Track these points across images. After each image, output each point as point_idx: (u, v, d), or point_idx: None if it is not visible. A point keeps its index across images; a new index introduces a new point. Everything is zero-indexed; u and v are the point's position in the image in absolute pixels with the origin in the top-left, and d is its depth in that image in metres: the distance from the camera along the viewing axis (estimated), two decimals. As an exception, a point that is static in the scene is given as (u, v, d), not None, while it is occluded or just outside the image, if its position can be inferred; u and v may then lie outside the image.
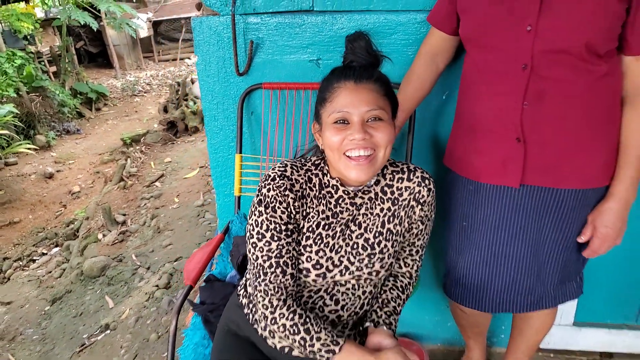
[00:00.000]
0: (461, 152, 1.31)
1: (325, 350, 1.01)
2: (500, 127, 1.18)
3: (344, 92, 1.00)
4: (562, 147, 1.16)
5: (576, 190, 1.20)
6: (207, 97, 1.66)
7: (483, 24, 1.14)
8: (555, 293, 1.36)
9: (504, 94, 1.15)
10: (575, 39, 1.05)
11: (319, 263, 1.07)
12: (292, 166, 1.08)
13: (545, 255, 1.29)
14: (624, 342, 1.83)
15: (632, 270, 1.74)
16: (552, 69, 1.10)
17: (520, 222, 1.26)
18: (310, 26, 1.53)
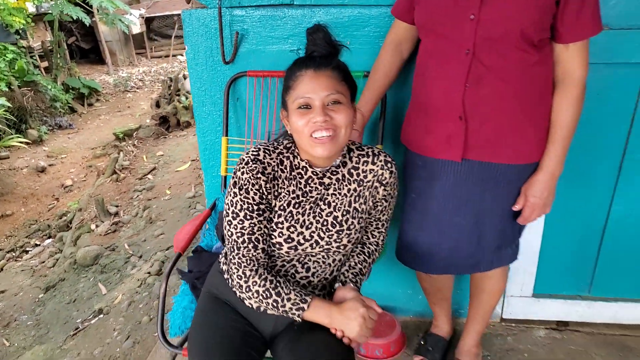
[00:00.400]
0: (413, 130, 1.44)
1: (296, 308, 1.13)
2: (446, 106, 1.31)
3: (305, 79, 1.11)
4: (498, 125, 1.29)
5: (511, 164, 1.34)
6: (196, 84, 1.79)
7: (433, 13, 1.27)
8: (492, 258, 1.50)
9: (449, 77, 1.28)
10: (511, 28, 1.18)
11: (290, 237, 1.19)
12: (265, 150, 1.19)
13: (485, 223, 1.43)
14: (578, 311, 1.97)
15: (585, 245, 1.89)
16: (491, 55, 1.22)
17: (463, 193, 1.39)
18: (290, 19, 1.66)
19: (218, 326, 1.23)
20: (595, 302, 1.96)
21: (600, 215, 1.84)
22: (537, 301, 1.98)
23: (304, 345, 1.17)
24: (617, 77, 1.61)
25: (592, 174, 1.77)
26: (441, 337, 1.87)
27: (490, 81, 1.25)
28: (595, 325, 2.01)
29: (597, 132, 1.70)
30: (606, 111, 1.66)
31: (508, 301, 2.00)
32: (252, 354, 1.20)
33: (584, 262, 1.93)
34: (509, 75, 1.24)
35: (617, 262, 1.90)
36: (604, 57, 1.57)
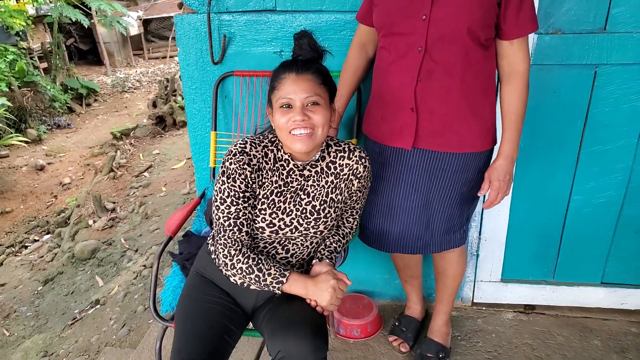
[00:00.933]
0: (372, 120, 1.59)
1: (276, 282, 1.27)
2: (400, 98, 1.45)
3: (288, 81, 1.24)
4: (445, 117, 1.43)
5: (457, 153, 1.48)
6: (187, 83, 1.93)
7: (389, 14, 1.41)
8: (441, 240, 1.63)
9: (404, 72, 1.42)
10: (458, 26, 1.33)
11: (272, 223, 1.33)
12: (251, 143, 1.32)
13: (434, 209, 1.56)
14: (543, 295, 2.11)
15: (548, 234, 2.03)
16: (441, 52, 1.37)
17: (413, 179, 1.53)
18: (273, 23, 1.81)
19: (200, 300, 1.37)
20: (559, 286, 2.11)
21: (561, 205, 1.98)
22: (506, 286, 2.12)
23: (280, 312, 1.30)
24: (571, 77, 1.75)
25: (553, 166, 1.91)
26: (414, 319, 2.01)
27: (439, 76, 1.39)
28: (559, 308, 2.15)
29: (556, 127, 1.84)
30: (562, 108, 1.81)
31: (478, 286, 2.14)
32: (229, 326, 1.33)
33: (547, 249, 2.07)
34: (456, 70, 1.38)
35: (577, 249, 2.05)
36: (558, 58, 1.72)
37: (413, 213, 1.57)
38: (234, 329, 1.34)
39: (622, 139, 1.81)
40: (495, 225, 2.02)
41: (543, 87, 1.77)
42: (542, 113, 1.81)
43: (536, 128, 1.83)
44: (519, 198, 1.97)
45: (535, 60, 1.72)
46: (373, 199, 1.63)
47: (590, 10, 1.65)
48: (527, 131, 1.83)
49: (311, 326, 1.24)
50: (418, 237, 1.61)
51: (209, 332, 1.28)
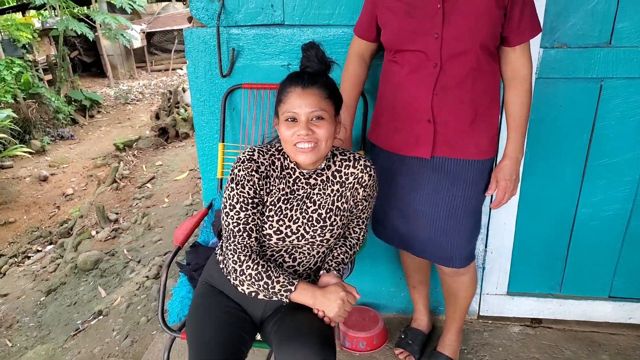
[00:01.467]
0: (383, 130, 1.61)
1: (284, 290, 1.27)
2: (415, 111, 1.48)
3: (294, 95, 1.26)
4: (459, 126, 1.47)
5: (473, 160, 1.52)
6: (196, 96, 1.95)
7: (401, 35, 1.44)
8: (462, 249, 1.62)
9: (418, 86, 1.45)
10: (472, 42, 1.37)
11: (279, 230, 1.34)
12: (259, 151, 1.34)
13: (455, 217, 1.57)
14: (550, 309, 2.10)
15: (555, 246, 2.03)
16: (454, 66, 1.40)
17: (432, 186, 1.55)
18: (281, 37, 1.84)
19: (212, 310, 1.37)
20: (566, 300, 2.10)
21: (568, 218, 1.99)
22: (512, 299, 2.12)
23: (288, 323, 1.30)
24: (577, 91, 1.77)
25: (560, 179, 1.92)
26: (420, 331, 2.01)
27: (453, 89, 1.43)
28: (567, 322, 2.14)
29: (562, 140, 1.86)
30: (568, 122, 1.82)
31: (484, 299, 2.13)
32: (242, 334, 1.33)
33: (554, 263, 2.07)
34: (468, 82, 1.42)
35: (584, 262, 2.04)
36: (564, 72, 1.74)
37: (436, 220, 1.58)
38: (247, 338, 1.34)
39: (629, 152, 1.82)
40: (502, 238, 2.02)
41: (549, 101, 1.79)
42: (548, 126, 1.83)
43: (542, 141, 1.85)
44: (526, 211, 1.98)
45: (540, 74, 1.74)
46: (393, 205, 1.66)
47: (595, 25, 1.67)
48: (533, 144, 1.85)
49: (319, 337, 1.24)
50: (441, 245, 1.61)
51: (225, 341, 1.28)
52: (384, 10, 1.46)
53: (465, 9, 1.35)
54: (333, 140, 1.32)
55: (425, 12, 1.38)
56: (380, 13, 1.47)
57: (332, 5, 1.76)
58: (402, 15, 1.41)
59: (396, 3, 1.42)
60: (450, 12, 1.36)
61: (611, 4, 1.64)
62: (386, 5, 1.45)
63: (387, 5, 1.45)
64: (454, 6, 1.36)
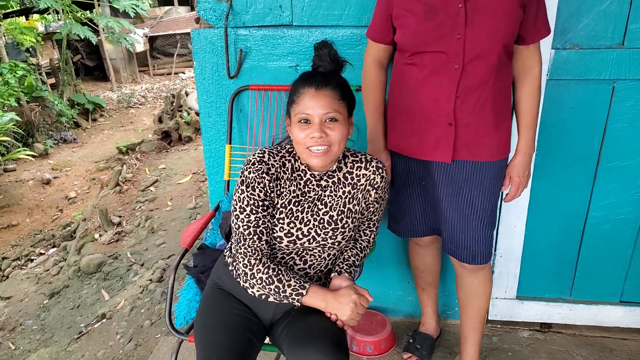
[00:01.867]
0: (399, 134, 1.58)
1: (296, 293, 1.26)
2: (436, 114, 1.45)
3: (307, 97, 1.25)
4: (479, 128, 1.46)
5: (491, 161, 1.51)
6: (203, 97, 1.94)
7: (421, 36, 1.40)
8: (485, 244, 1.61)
9: (439, 88, 1.43)
10: (494, 43, 1.36)
11: (290, 232, 1.32)
12: (270, 153, 1.32)
13: (476, 218, 1.56)
14: (560, 314, 2.08)
15: (565, 250, 2.00)
16: (476, 68, 1.38)
17: (453, 189, 1.54)
18: (289, 38, 1.82)
19: (221, 312, 1.35)
20: (577, 304, 2.07)
21: (579, 222, 1.96)
22: (521, 303, 2.09)
23: (300, 326, 1.28)
24: (589, 93, 1.75)
25: (570, 182, 1.90)
26: (429, 336, 1.98)
27: (475, 91, 1.41)
28: (577, 327, 2.11)
29: (573, 143, 1.84)
30: (580, 124, 1.80)
31: (493, 303, 2.11)
32: (251, 337, 1.31)
33: (564, 267, 2.04)
34: (490, 84, 1.41)
35: (595, 267, 2.02)
36: (576, 73, 1.72)
37: (459, 220, 1.58)
38: (255, 341, 1.32)
39: (642, 154, 1.81)
40: (511, 242, 2.00)
41: (560, 103, 1.77)
42: (559, 128, 1.81)
43: (553, 143, 1.83)
44: (536, 214, 1.96)
45: (552, 75, 1.73)
46: (413, 207, 1.66)
47: (608, 26, 1.65)
48: (544, 146, 1.83)
49: (332, 340, 1.23)
50: (464, 245, 1.61)
51: (233, 344, 1.26)
52: (402, 11, 1.42)
53: (489, 8, 1.33)
54: (346, 142, 1.30)
55: (446, 12, 1.35)
56: (397, 14, 1.44)
57: (341, 5, 1.75)
58: (421, 16, 1.38)
59: (415, 3, 1.39)
60: (473, 12, 1.34)
61: (624, 4, 1.62)
62: (404, 6, 1.41)
63: (405, 6, 1.41)
64: (477, 6, 1.34)
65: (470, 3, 1.34)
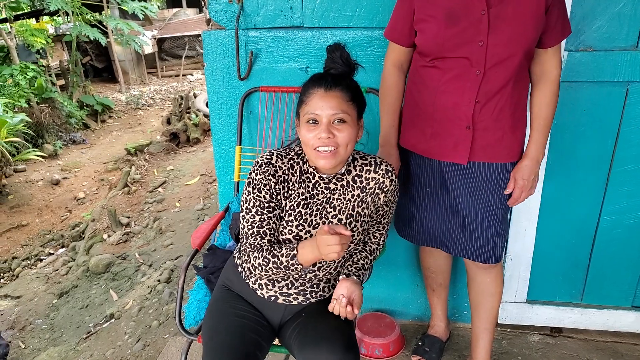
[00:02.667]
0: (416, 134, 1.57)
1: (290, 257, 1.25)
2: (455, 117, 1.46)
3: (316, 97, 1.24)
4: (498, 132, 1.46)
5: (506, 163, 1.52)
6: (214, 98, 1.94)
7: (442, 40, 1.40)
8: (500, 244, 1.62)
9: (460, 92, 1.43)
10: (516, 49, 1.35)
11: (298, 235, 1.32)
12: (278, 155, 1.32)
13: (494, 217, 1.57)
14: (571, 318, 2.05)
15: (576, 254, 1.99)
16: (497, 74, 1.38)
17: (468, 190, 1.55)
18: (300, 40, 1.82)
19: (228, 314, 1.35)
20: (588, 309, 2.05)
21: (590, 226, 1.94)
22: (531, 307, 2.07)
23: (310, 327, 1.28)
24: (602, 95, 1.74)
25: (582, 185, 1.88)
26: (438, 338, 1.97)
27: (495, 95, 1.42)
28: (588, 332, 2.09)
29: (585, 146, 1.82)
30: (593, 126, 1.79)
31: (503, 306, 2.09)
32: (258, 339, 1.31)
33: (576, 271, 2.02)
34: (509, 89, 1.41)
35: (607, 271, 2.00)
36: (589, 76, 1.71)
37: (474, 221, 1.58)
38: (263, 344, 1.32)
39: (655, 157, 1.79)
40: (522, 245, 1.99)
41: (572, 105, 1.75)
42: (572, 131, 1.80)
43: (565, 146, 1.81)
44: (546, 217, 1.94)
45: (565, 77, 1.71)
46: (426, 206, 1.65)
47: (622, 28, 1.64)
48: (556, 149, 1.82)
49: (343, 340, 1.23)
50: (479, 244, 1.61)
51: (239, 346, 1.26)
52: (423, 15, 1.41)
53: (512, 15, 1.33)
54: (354, 144, 1.29)
55: (468, 19, 1.35)
56: (418, 18, 1.43)
57: (352, 7, 1.75)
58: (443, 22, 1.37)
59: (436, 9, 1.38)
60: (497, 19, 1.34)
61: (638, 6, 1.61)
62: (425, 11, 1.41)
63: (427, 11, 1.40)
64: (500, 13, 1.33)
65: (494, 10, 1.33)
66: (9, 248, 4.89)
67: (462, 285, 2.05)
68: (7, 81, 7.03)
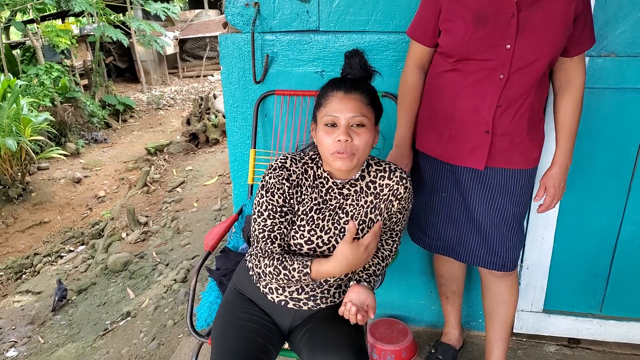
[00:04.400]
0: (434, 137, 1.56)
1: (302, 273, 1.24)
2: (474, 121, 1.44)
3: (335, 99, 1.24)
4: (517, 138, 1.45)
5: (523, 169, 1.50)
6: (229, 101, 1.95)
7: (468, 42, 1.37)
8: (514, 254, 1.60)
9: (481, 96, 1.41)
10: (543, 55, 1.33)
11: (310, 240, 1.31)
12: (292, 159, 1.32)
13: (509, 224, 1.55)
14: (589, 329, 2.00)
15: (596, 264, 1.94)
16: (521, 79, 1.37)
17: (484, 196, 1.53)
18: (316, 43, 1.82)
19: (238, 317, 1.35)
20: (607, 320, 2.00)
21: (611, 235, 1.89)
22: (548, 317, 2.03)
23: (320, 333, 1.28)
24: (625, 102, 1.69)
25: (603, 194, 1.84)
26: (451, 346, 1.94)
27: (516, 101, 1.40)
28: (607, 344, 2.04)
29: (606, 154, 1.77)
30: (614, 134, 1.74)
31: (519, 315, 2.05)
32: (266, 343, 1.31)
33: (595, 281, 1.97)
34: (530, 95, 1.40)
35: (627, 282, 1.94)
36: (611, 82, 1.67)
37: (490, 227, 1.57)
38: (271, 348, 1.32)
39: (679, 166, 1.73)
40: (539, 253, 1.95)
41: (594, 112, 1.71)
42: (593, 139, 1.75)
43: (586, 154, 1.77)
44: (565, 226, 1.90)
45: (586, 83, 1.65)
46: (440, 211, 1.64)
47: (646, 33, 1.60)
48: (576, 157, 1.75)
49: (353, 347, 1.22)
50: (495, 251, 1.59)
51: (247, 350, 1.26)
52: (450, 15, 1.40)
53: (542, 20, 1.31)
54: (370, 149, 1.29)
55: (497, 21, 1.33)
56: (444, 17, 1.41)
57: (369, 11, 1.74)
58: (471, 23, 1.35)
59: (464, 10, 1.36)
60: (526, 22, 1.32)
61: (663, 11, 1.57)
62: (453, 11, 1.39)
63: (454, 12, 1.38)
64: (530, 17, 1.31)
65: (524, 14, 1.31)
66: (32, 244, 5.00)
67: (477, 293, 2.02)
68: (32, 81, 7.21)
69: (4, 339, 3.29)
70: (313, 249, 1.31)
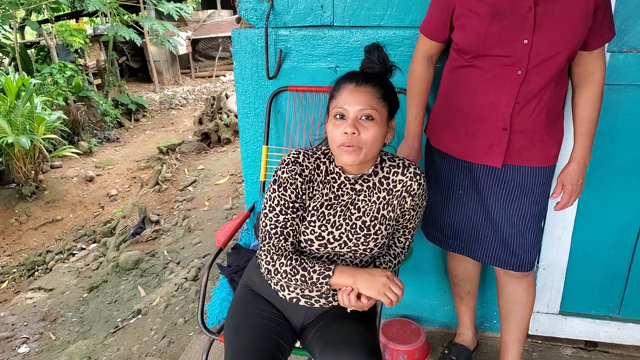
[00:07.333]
0: (450, 134, 1.53)
1: (323, 277, 1.21)
2: (492, 117, 1.41)
3: (346, 91, 1.22)
4: (535, 135, 1.42)
5: (542, 167, 1.46)
6: (242, 97, 1.94)
7: (484, 37, 1.34)
8: (533, 252, 1.56)
9: (499, 92, 1.38)
10: (561, 50, 1.30)
11: (321, 236, 1.29)
12: (305, 154, 1.30)
13: (526, 224, 1.51)
14: (607, 332, 1.95)
15: (614, 265, 1.89)
16: (539, 75, 1.33)
17: (501, 194, 1.50)
18: (330, 39, 1.80)
19: (251, 314, 1.34)
20: (626, 323, 1.95)
21: (630, 236, 1.85)
22: (564, 319, 1.99)
23: (333, 330, 1.26)
24: (646, 99, 1.65)
25: (623, 193, 1.79)
26: (465, 347, 1.91)
27: (535, 97, 1.37)
28: (625, 347, 1.99)
29: (627, 152, 1.73)
30: (635, 131, 1.70)
31: (535, 317, 2.01)
32: (280, 341, 1.29)
33: (613, 283, 1.93)
34: (549, 91, 1.37)
35: (648, 284, 1.90)
36: (633, 78, 1.63)
37: (508, 226, 1.54)
38: (285, 345, 1.30)
39: (702, 165, 1.68)
40: (556, 254, 1.90)
41: (614, 109, 1.67)
42: (613, 136, 1.71)
43: (606, 152, 1.73)
44: (583, 226, 1.86)
45: (606, 79, 1.61)
46: (456, 209, 1.61)
47: (669, 28, 1.55)
48: (596, 155, 1.72)
49: (366, 345, 1.20)
50: (512, 250, 1.55)
51: (261, 347, 1.24)
52: (465, 10, 1.37)
53: (560, 13, 1.28)
54: (381, 145, 1.26)
55: (513, 16, 1.30)
56: (459, 13, 1.39)
57: (384, 6, 1.72)
58: (487, 18, 1.33)
59: (480, 4, 1.34)
60: (543, 16, 1.29)
61: (687, 5, 1.52)
62: (467, 6, 1.36)
63: (469, 7, 1.36)
64: (548, 11, 1.28)
65: (542, 7, 1.28)
66: (44, 242, 5.04)
67: (491, 294, 1.98)
68: (46, 80, 7.28)
69: (16, 336, 3.31)
70: (324, 244, 1.29)
